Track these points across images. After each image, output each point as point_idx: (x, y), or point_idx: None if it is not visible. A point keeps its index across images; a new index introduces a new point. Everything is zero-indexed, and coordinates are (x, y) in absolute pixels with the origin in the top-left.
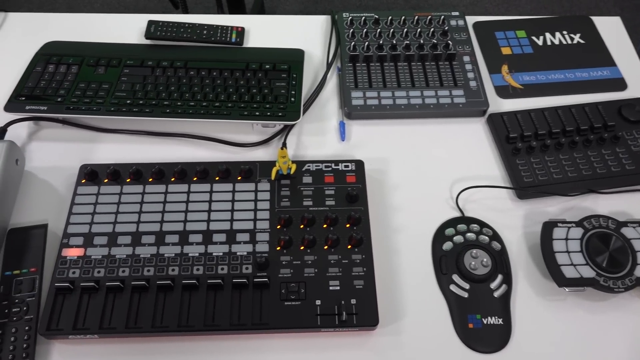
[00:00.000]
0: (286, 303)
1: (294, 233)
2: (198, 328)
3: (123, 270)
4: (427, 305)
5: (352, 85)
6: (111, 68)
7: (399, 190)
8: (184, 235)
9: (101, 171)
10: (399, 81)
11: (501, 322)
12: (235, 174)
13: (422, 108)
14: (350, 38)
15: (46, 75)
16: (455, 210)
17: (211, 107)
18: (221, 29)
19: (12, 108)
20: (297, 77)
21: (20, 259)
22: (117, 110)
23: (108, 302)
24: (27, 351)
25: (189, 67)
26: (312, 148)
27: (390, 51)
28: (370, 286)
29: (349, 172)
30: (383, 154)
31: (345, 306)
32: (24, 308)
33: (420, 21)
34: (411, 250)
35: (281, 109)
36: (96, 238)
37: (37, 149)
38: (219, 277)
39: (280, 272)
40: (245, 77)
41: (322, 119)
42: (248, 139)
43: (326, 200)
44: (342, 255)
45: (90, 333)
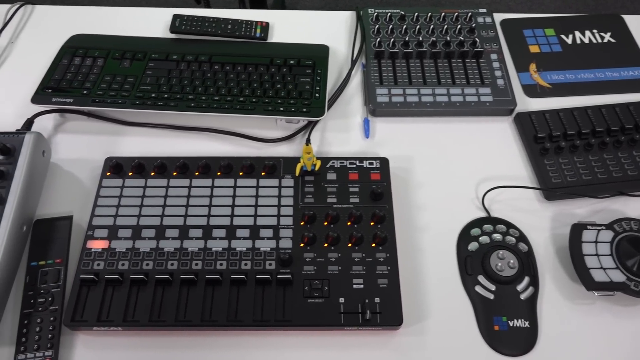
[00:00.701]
0: (309, 300)
1: (318, 230)
2: (221, 323)
3: (147, 263)
4: (452, 305)
5: (377, 82)
6: (136, 61)
7: (424, 188)
8: (208, 229)
9: (126, 164)
10: (425, 78)
11: (527, 325)
12: (259, 170)
13: (448, 106)
14: (376, 34)
15: (72, 67)
16: (480, 210)
17: (235, 102)
18: (245, 24)
19: (39, 100)
20: (321, 73)
21: (46, 250)
22: (142, 104)
23: (132, 295)
24: (52, 341)
25: (214, 61)
26: (336, 145)
27: (416, 48)
28: (395, 285)
29: (373, 169)
30: (408, 152)
31: (369, 305)
32: (49, 299)
33: (446, 18)
34: (435, 249)
35: (305, 105)
36: (120, 231)
37: (62, 141)
38: (243, 272)
39: (303, 269)
40: (270, 73)
41: (346, 115)
42: (271, 135)
43: (350, 197)
44: (366, 254)
45: (114, 325)
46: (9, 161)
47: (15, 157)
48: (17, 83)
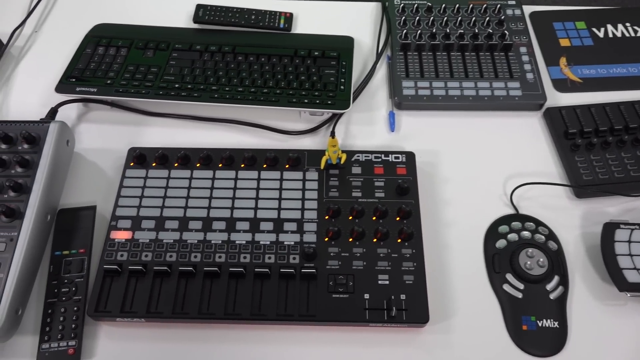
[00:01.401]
0: (334, 295)
1: (343, 224)
2: (245, 317)
3: (170, 255)
4: (478, 304)
5: (403, 74)
6: (160, 51)
7: (450, 184)
8: (231, 222)
9: (149, 155)
10: (452, 71)
11: (557, 326)
12: (283, 162)
13: (476, 100)
14: (402, 26)
15: (96, 57)
16: (508, 207)
17: (259, 94)
18: (269, 14)
19: (63, 89)
20: (346, 65)
21: (70, 239)
22: (165, 94)
23: (155, 287)
24: (75, 331)
25: (237, 52)
26: (361, 138)
27: (443, 40)
28: (421, 282)
29: (399, 163)
30: (434, 146)
31: (395, 301)
32: (73, 288)
33: (474, 10)
34: (462, 246)
35: (330, 97)
36: (144, 222)
37: (85, 131)
38: (266, 266)
39: (328, 263)
40: (294, 64)
41: (371, 108)
42: (295, 127)
43: (376, 191)
44: (391, 249)
45: (138, 317)
46: (34, 150)
47: (40, 146)
48: (41, 72)
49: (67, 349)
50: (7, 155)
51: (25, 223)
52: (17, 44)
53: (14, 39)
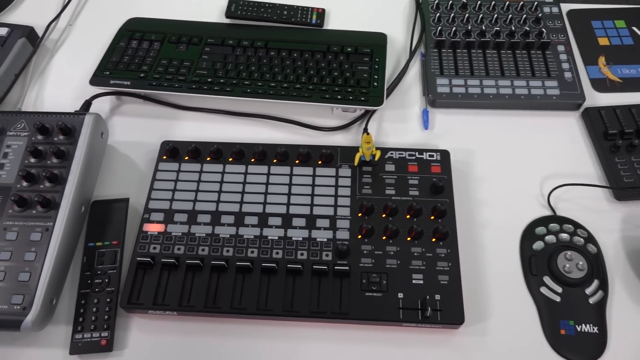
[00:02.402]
0: (367, 294)
1: (376, 222)
2: (277, 313)
3: (202, 249)
4: (514, 306)
5: (437, 72)
6: (192, 46)
7: (485, 183)
8: (264, 217)
9: (182, 148)
10: (488, 69)
11: (596, 331)
12: (315, 158)
13: (512, 98)
14: (436, 23)
15: (129, 50)
16: (545, 208)
17: (292, 89)
18: (301, 10)
19: (97, 82)
20: (380, 62)
21: (103, 231)
22: (198, 88)
23: (187, 280)
24: (108, 322)
25: (270, 47)
26: (393, 135)
27: (478, 37)
28: (456, 282)
29: (434, 162)
30: (468, 145)
31: (430, 301)
32: (106, 280)
33: (511, 7)
34: (497, 247)
35: (363, 94)
36: (176, 215)
37: (118, 124)
38: (299, 262)
39: (361, 261)
40: (327, 60)
41: (404, 105)
42: (327, 123)
43: (410, 190)
44: (425, 248)
45: (170, 310)
46: (70, 141)
47: (75, 137)
48: (75, 65)
49: (100, 340)
50: (43, 146)
51: (61, 213)
52: (52, 37)
53: (49, 32)
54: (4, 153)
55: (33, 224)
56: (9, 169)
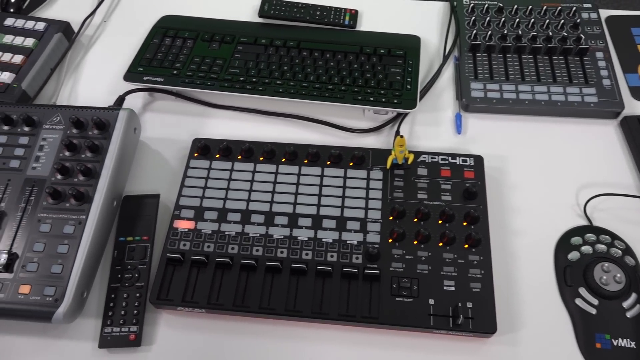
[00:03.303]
0: (397, 298)
1: (407, 226)
2: (306, 314)
3: (232, 247)
4: (548, 317)
5: (471, 76)
6: (225, 44)
7: (519, 191)
8: (294, 217)
9: (213, 146)
10: (524, 74)
11: (634, 346)
12: (347, 160)
13: (548, 105)
14: (471, 26)
15: (163, 48)
16: (581, 217)
17: (324, 90)
18: (334, 11)
19: (131, 78)
20: (413, 64)
21: (133, 226)
22: (230, 87)
23: (216, 278)
24: (137, 317)
25: (302, 47)
26: (425, 139)
27: (514, 42)
28: (488, 290)
29: (467, 167)
30: (502, 151)
31: (462, 309)
32: (136, 275)
33: (548, 12)
34: (531, 256)
35: (396, 96)
36: (207, 212)
37: (150, 120)
38: (329, 264)
39: (391, 265)
40: (359, 61)
41: (437, 109)
42: (358, 125)
43: (442, 194)
44: (458, 255)
45: (199, 307)
46: (104, 136)
47: (109, 132)
48: (109, 60)
49: (129, 334)
50: (78, 140)
51: (94, 207)
52: (87, 33)
53: (84, 27)
54: (39, 146)
55: (66, 216)
56: (44, 162)
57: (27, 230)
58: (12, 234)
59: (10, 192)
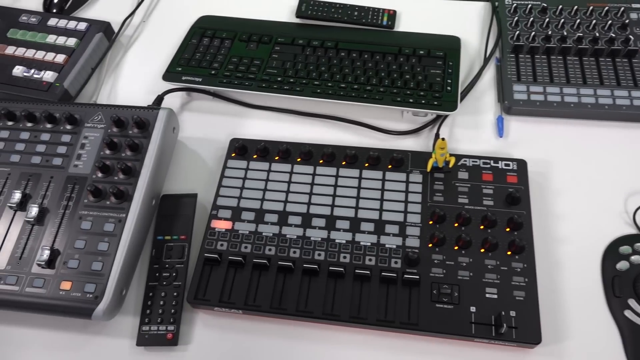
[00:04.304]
0: (437, 305)
1: (448, 231)
2: (343, 319)
3: (269, 248)
4: (595, 328)
5: (514, 77)
6: (262, 45)
7: (563, 197)
8: (331, 220)
9: (251, 146)
10: (569, 77)
11: None
12: (385, 162)
13: (595, 108)
14: (513, 27)
15: (201, 48)
16: (630, 226)
17: (362, 91)
18: (372, 11)
19: (170, 77)
20: (453, 66)
21: (171, 225)
22: (268, 87)
23: (253, 279)
24: (174, 316)
25: (340, 48)
26: (465, 142)
27: (559, 43)
28: (533, 299)
29: (509, 171)
30: (546, 155)
31: (505, 318)
32: (173, 274)
33: (594, 12)
34: (576, 264)
35: (436, 98)
36: (244, 213)
37: (187, 119)
38: (367, 268)
39: (431, 271)
40: (398, 62)
41: (477, 111)
42: (396, 127)
43: (484, 199)
44: (500, 261)
45: (235, 308)
46: (144, 135)
47: (149, 131)
48: (148, 60)
49: (166, 333)
50: (119, 139)
51: (133, 206)
52: (127, 33)
53: (124, 27)
54: (81, 144)
55: (107, 214)
56: (86, 160)
57: (68, 227)
58: (54, 230)
59: (52, 190)
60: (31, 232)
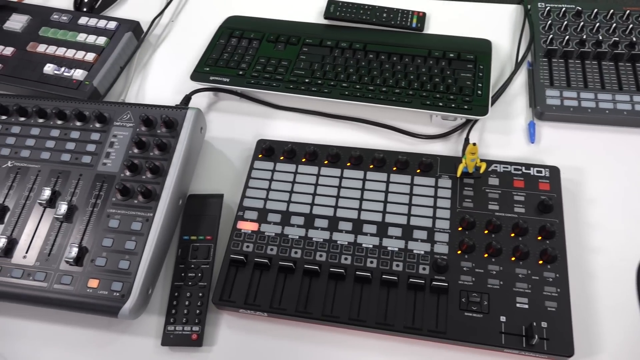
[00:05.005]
0: (466, 313)
1: (477, 238)
2: (370, 325)
3: (295, 251)
4: (630, 343)
5: (546, 82)
6: (290, 46)
7: (597, 205)
8: (358, 224)
9: (278, 148)
10: (604, 82)
11: None
12: (414, 167)
13: (632, 115)
14: (547, 31)
15: (229, 48)
16: None
17: (391, 94)
18: (401, 13)
19: (198, 77)
20: (484, 69)
21: (197, 225)
22: (295, 88)
23: (279, 282)
24: (199, 317)
25: (368, 50)
26: (495, 147)
27: (594, 48)
28: (565, 310)
29: (542, 178)
30: (579, 162)
31: (536, 329)
32: (199, 274)
33: (631, 16)
34: (610, 276)
35: (466, 102)
36: (270, 215)
37: (214, 120)
38: (394, 273)
39: (460, 278)
40: (427, 65)
41: (508, 116)
42: (424, 131)
43: (515, 206)
44: (531, 271)
45: (261, 310)
46: (172, 134)
47: (177, 130)
48: (175, 59)
49: (191, 334)
50: (147, 138)
51: (161, 205)
52: (155, 32)
53: (152, 27)
54: (110, 142)
55: (134, 213)
56: (114, 158)
57: (96, 225)
58: (82, 228)
59: (81, 187)
60: (60, 229)
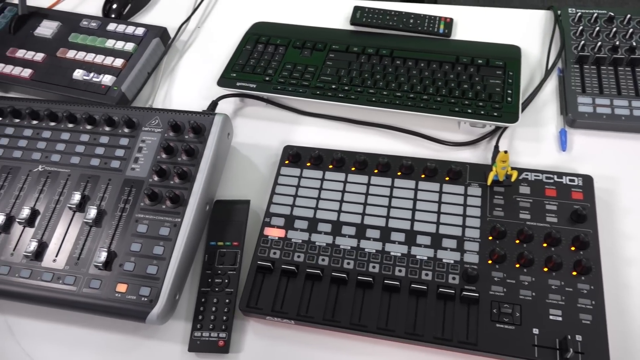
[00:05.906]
0: (497, 325)
1: (509, 247)
2: (398, 334)
3: (322, 259)
4: None
5: (578, 89)
6: (316, 52)
7: (632, 216)
8: (386, 231)
9: (304, 154)
10: (638, 89)
11: None
12: (442, 174)
13: None
14: (578, 37)
15: (255, 54)
16: None
17: (418, 100)
18: (428, 19)
19: (225, 83)
20: (513, 76)
21: (224, 231)
22: (322, 95)
23: (306, 289)
24: (226, 324)
25: (395, 56)
26: (525, 155)
27: (627, 54)
28: (601, 323)
29: (574, 187)
30: (612, 171)
31: (571, 342)
32: (225, 280)
33: None
34: None
35: (496, 109)
36: (297, 221)
37: (240, 125)
38: (423, 282)
39: (491, 288)
40: (455, 71)
41: (538, 124)
42: (452, 138)
43: (547, 216)
44: (565, 282)
45: (287, 318)
46: (199, 140)
47: (205, 136)
48: (202, 65)
49: (218, 340)
50: (175, 143)
51: (188, 210)
52: (182, 39)
53: (179, 33)
54: (138, 147)
55: (162, 218)
56: (143, 163)
57: (125, 229)
58: (111, 232)
59: (110, 192)
60: (89, 233)
